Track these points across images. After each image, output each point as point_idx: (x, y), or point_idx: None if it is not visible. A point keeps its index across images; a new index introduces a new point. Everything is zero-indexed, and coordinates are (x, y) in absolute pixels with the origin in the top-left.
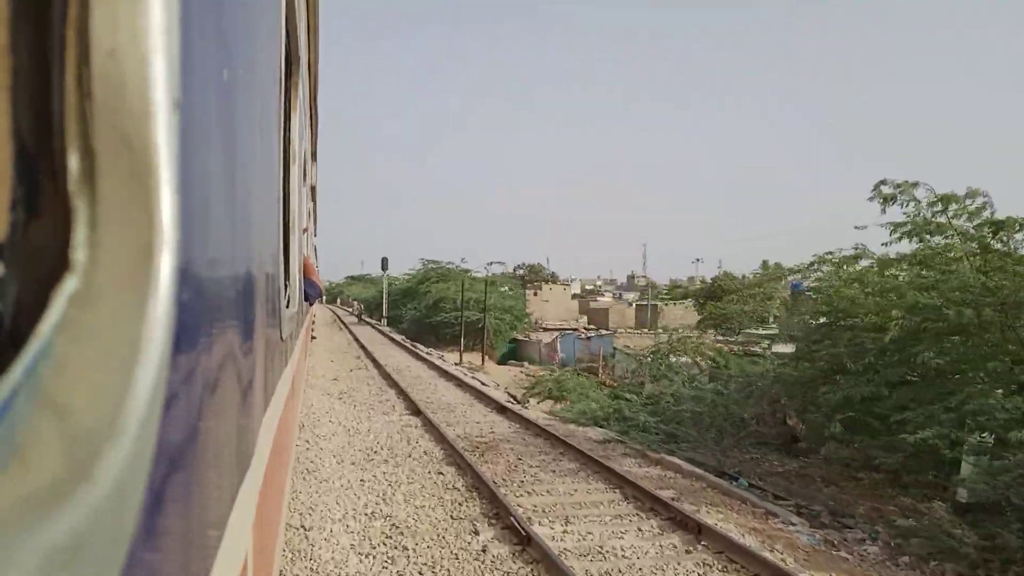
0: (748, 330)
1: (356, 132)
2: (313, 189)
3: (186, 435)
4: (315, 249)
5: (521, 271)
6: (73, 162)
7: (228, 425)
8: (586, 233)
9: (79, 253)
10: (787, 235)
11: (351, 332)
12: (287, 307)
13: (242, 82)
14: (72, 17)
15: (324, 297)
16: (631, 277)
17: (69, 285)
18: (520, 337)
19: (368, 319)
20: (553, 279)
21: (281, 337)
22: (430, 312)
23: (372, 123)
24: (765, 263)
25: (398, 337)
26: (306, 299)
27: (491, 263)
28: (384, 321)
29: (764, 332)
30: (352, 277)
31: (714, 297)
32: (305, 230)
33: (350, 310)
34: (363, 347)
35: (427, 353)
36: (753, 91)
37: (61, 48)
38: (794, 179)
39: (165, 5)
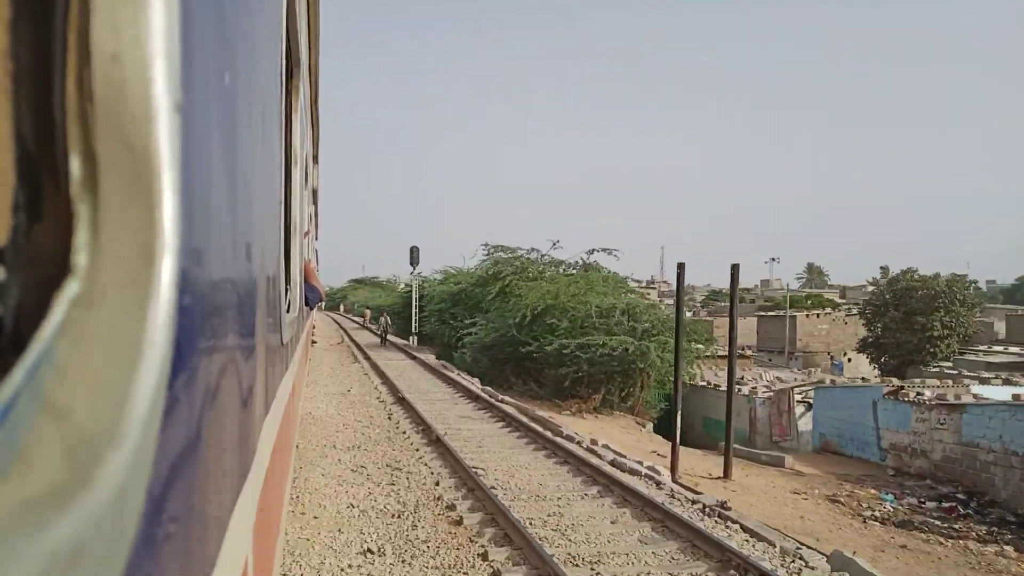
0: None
1: (354, 136)
2: (314, 192)
3: (187, 439)
4: (316, 253)
5: (574, 270)
6: (75, 165)
7: (229, 429)
8: (585, 238)
9: (81, 256)
10: (793, 235)
11: (380, 372)
12: (288, 311)
13: (243, 85)
14: (74, 20)
15: (324, 303)
16: (650, 282)
17: (71, 288)
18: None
19: (393, 338)
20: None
21: (282, 341)
22: (523, 334)
23: (369, 126)
24: (811, 266)
25: (472, 386)
26: (306, 304)
27: (592, 251)
28: (414, 339)
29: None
30: (356, 280)
31: (891, 307)
32: (306, 234)
33: (360, 320)
34: (442, 444)
35: (630, 466)
36: (749, 96)
37: (63, 51)
38: (791, 181)
39: (166, 9)
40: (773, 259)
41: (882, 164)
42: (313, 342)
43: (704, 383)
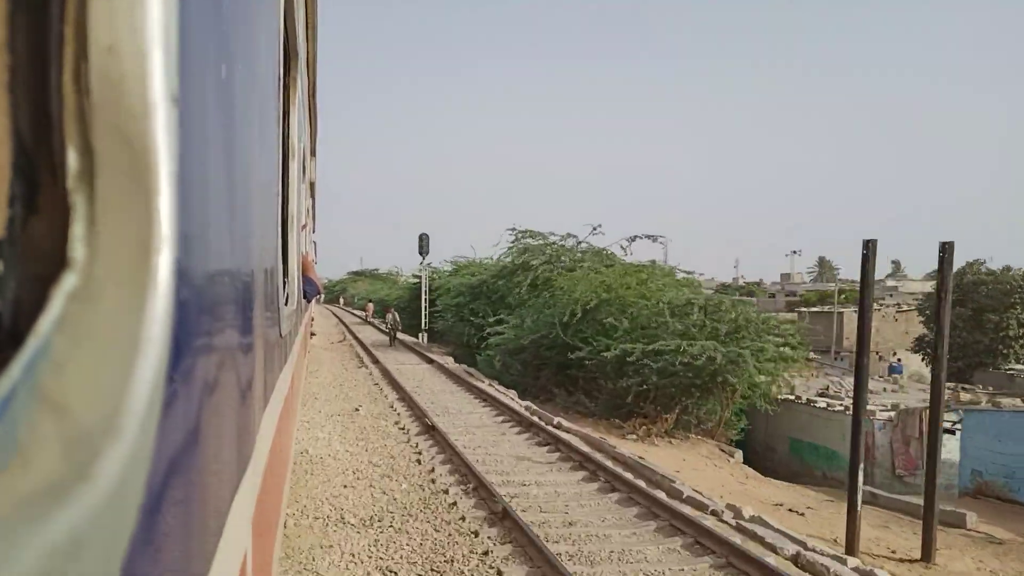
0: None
1: (350, 127)
2: (312, 185)
3: (185, 433)
4: (315, 245)
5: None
6: (71, 159)
7: (227, 423)
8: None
9: (78, 250)
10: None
11: (393, 381)
12: (286, 304)
13: (240, 78)
14: (70, 13)
15: (323, 296)
16: None
17: (68, 282)
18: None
19: (402, 336)
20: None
21: (280, 334)
22: (570, 335)
23: (364, 117)
24: (822, 260)
25: (513, 402)
26: (304, 296)
27: (633, 237)
28: (423, 337)
29: None
30: (356, 272)
31: (956, 303)
32: (304, 227)
33: (362, 315)
34: (513, 524)
35: (836, 572)
36: (748, 89)
37: (59, 44)
38: (791, 174)
39: (163, 1)
40: (795, 252)
41: (882, 157)
42: (312, 334)
43: (791, 396)
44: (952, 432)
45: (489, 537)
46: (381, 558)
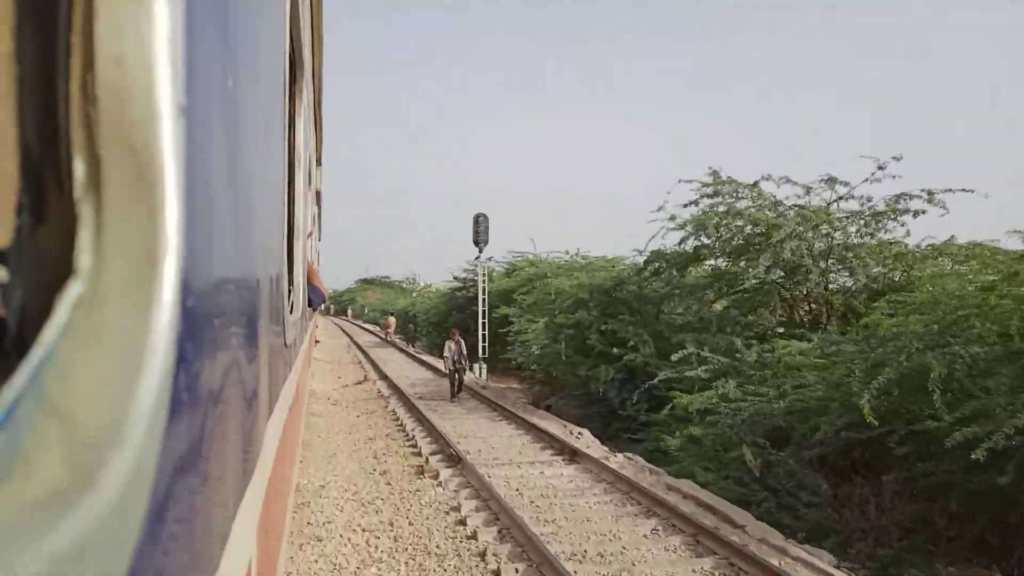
0: None
1: (351, 133)
2: (318, 194)
3: (190, 441)
4: (318, 254)
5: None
6: (78, 168)
7: (232, 431)
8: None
9: (84, 258)
10: None
11: None
12: (291, 313)
13: (246, 88)
14: (77, 24)
15: (331, 308)
16: None
17: (74, 290)
18: None
19: (467, 374)
20: None
21: (285, 343)
22: None
23: (361, 121)
24: None
25: None
26: (309, 305)
27: (899, 196)
28: (481, 371)
29: None
30: (365, 280)
31: None
32: (310, 235)
33: (382, 334)
34: None
35: None
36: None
37: (66, 55)
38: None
39: (170, 12)
40: None
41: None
42: (316, 341)
43: None
44: None
45: None
46: None
